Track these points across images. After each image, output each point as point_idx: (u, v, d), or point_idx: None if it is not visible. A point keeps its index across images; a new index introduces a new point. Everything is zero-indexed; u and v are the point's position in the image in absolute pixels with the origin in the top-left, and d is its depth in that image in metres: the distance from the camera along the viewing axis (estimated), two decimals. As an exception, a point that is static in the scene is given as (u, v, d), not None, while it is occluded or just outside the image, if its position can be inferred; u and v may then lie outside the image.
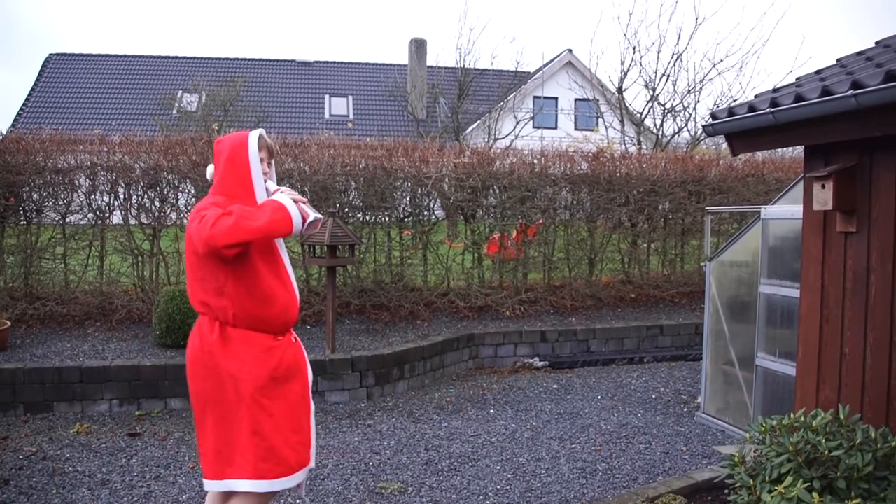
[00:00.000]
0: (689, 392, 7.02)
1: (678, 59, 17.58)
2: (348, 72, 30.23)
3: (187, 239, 3.02)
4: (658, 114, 18.23)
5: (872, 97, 3.39)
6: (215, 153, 3.19)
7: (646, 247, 10.17)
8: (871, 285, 3.91)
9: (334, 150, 8.81)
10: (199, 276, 3.03)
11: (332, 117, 27.45)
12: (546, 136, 19.94)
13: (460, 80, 21.30)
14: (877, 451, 3.21)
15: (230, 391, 2.98)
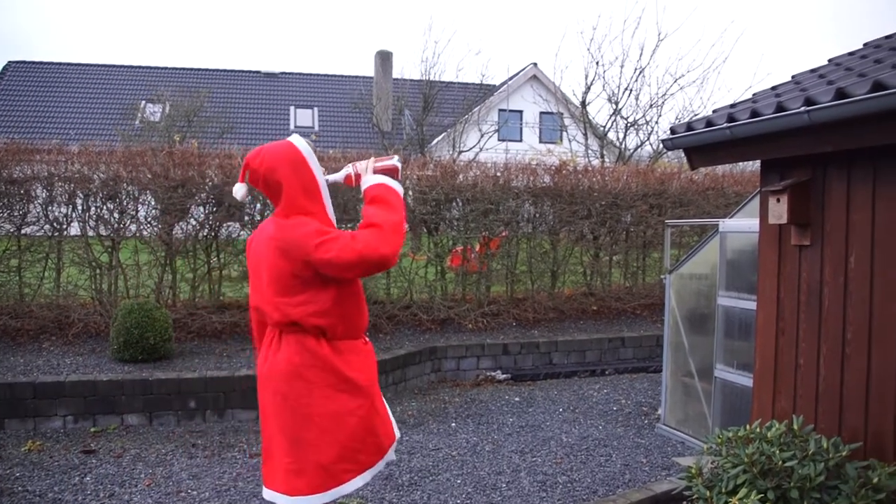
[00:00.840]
0: (650, 404, 7.06)
1: (641, 73, 17.81)
2: (314, 83, 30.18)
3: (287, 257, 3.01)
4: (621, 127, 18.43)
5: (824, 113, 3.46)
6: (255, 171, 3.11)
7: (608, 259, 10.24)
8: (823, 298, 3.97)
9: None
10: (301, 299, 3.04)
11: (298, 129, 27.33)
12: (511, 149, 20.04)
13: (425, 93, 21.32)
14: (828, 460, 3.25)
15: (345, 393, 3.13)
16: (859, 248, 3.77)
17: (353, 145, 22.46)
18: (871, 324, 3.70)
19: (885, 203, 3.64)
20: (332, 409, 3.11)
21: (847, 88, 3.39)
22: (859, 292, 3.76)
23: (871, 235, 3.70)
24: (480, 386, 7.85)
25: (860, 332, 3.75)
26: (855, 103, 3.28)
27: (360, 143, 24.30)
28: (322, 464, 3.10)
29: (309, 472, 3.10)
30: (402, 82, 23.73)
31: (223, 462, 5.39)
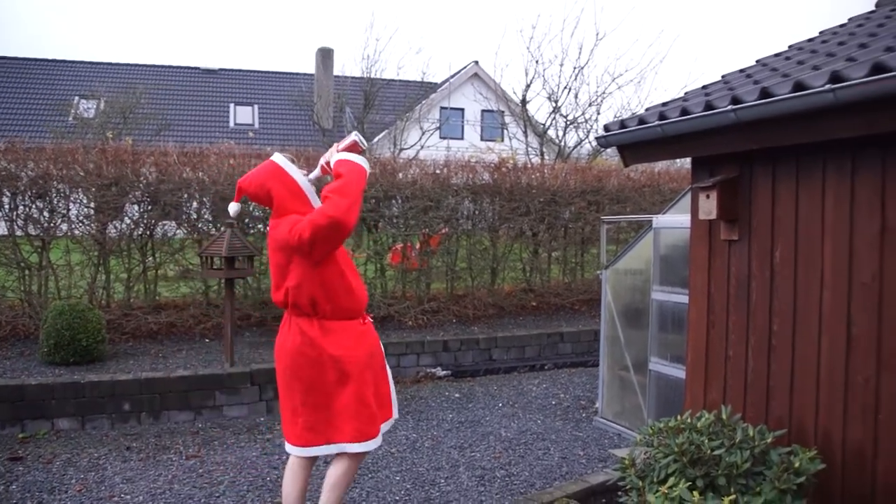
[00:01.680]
0: (588, 397, 7.17)
1: (579, 72, 18.05)
2: (254, 80, 29.76)
3: (293, 248, 3.44)
4: (560, 125, 18.65)
5: (749, 112, 3.55)
6: (247, 191, 3.64)
7: (547, 256, 10.36)
8: (751, 291, 4.09)
9: (234, 160, 8.64)
10: (292, 283, 3.52)
11: (238, 126, 26.96)
12: (452, 147, 20.09)
13: (366, 91, 21.23)
14: (754, 448, 3.35)
15: (332, 373, 3.54)
16: (784, 242, 3.89)
17: (294, 143, 22.26)
18: (795, 316, 3.82)
19: (806, 199, 3.76)
20: (327, 379, 3.55)
21: (771, 88, 3.49)
22: (784, 285, 3.88)
23: (795, 230, 3.82)
24: (420, 383, 7.86)
25: (785, 323, 3.88)
26: (778, 102, 3.38)
27: (300, 140, 24.09)
28: (327, 421, 3.59)
29: (316, 428, 3.59)
30: (344, 80, 23.60)
31: (158, 465, 5.29)
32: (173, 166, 8.16)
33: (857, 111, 3.11)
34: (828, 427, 3.65)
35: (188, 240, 8.48)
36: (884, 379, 3.38)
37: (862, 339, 3.49)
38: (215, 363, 6.95)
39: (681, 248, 5.38)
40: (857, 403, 3.50)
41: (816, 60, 4.03)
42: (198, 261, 7.83)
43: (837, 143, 3.54)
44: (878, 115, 3.05)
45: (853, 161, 3.53)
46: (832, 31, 5.28)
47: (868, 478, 3.45)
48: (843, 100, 3.07)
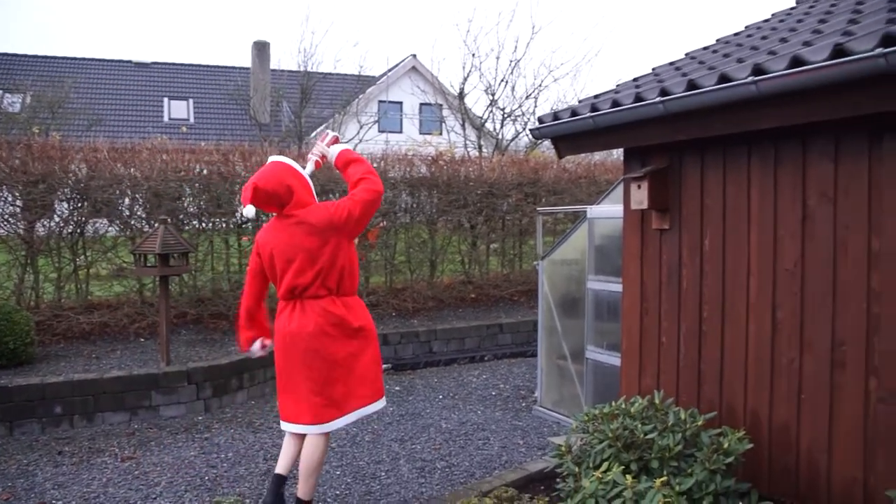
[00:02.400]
0: (528, 387, 7.25)
1: (516, 65, 18.19)
2: (188, 74, 29.13)
3: (337, 227, 3.88)
4: (498, 118, 18.75)
5: (677, 104, 3.63)
6: (265, 190, 3.84)
7: (485, 248, 10.42)
8: (682, 278, 4.19)
9: (167, 155, 8.47)
10: (347, 257, 3.98)
11: (172, 121, 26.41)
12: (391, 141, 20.02)
13: (303, 84, 21.01)
14: (686, 431, 3.44)
15: (356, 343, 4.00)
16: (712, 230, 3.99)
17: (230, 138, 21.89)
18: (723, 301, 3.93)
19: (733, 189, 3.87)
20: (349, 351, 3.97)
21: (697, 80, 3.57)
22: (713, 272, 3.99)
23: (723, 219, 3.93)
24: (361, 377, 7.84)
25: (714, 309, 3.98)
26: (704, 94, 3.47)
27: (236, 135, 23.69)
28: (346, 392, 3.98)
29: (337, 402, 3.96)
30: (280, 73, 23.32)
31: (92, 468, 5.17)
32: (104, 162, 7.95)
33: (778, 103, 3.22)
34: (756, 408, 3.77)
35: (121, 237, 8.28)
36: (806, 360, 3.51)
37: (786, 323, 3.61)
38: (151, 363, 6.82)
39: (615, 237, 5.47)
40: (783, 384, 3.62)
41: (741, 54, 4.14)
42: (131, 259, 7.65)
43: (761, 134, 3.64)
44: (797, 106, 3.16)
45: (776, 152, 3.64)
46: (756, 26, 5.42)
47: (793, 453, 3.58)
48: (765, 91, 3.17)
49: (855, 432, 3.31)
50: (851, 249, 3.32)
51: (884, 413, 3.19)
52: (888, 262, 3.17)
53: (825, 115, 3.09)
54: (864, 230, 3.26)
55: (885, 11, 3.46)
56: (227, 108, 26.65)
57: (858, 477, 3.29)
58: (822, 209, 3.44)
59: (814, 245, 3.48)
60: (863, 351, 3.27)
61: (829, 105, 3.04)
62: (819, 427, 3.46)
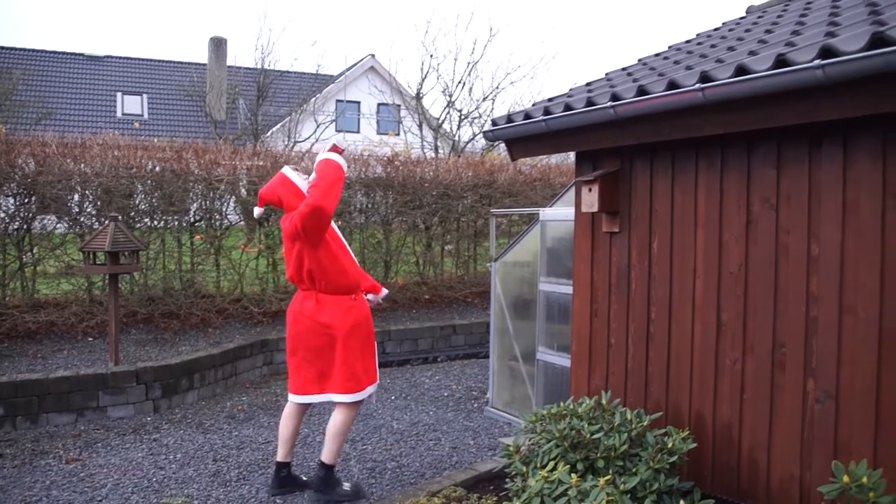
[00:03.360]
0: (480, 388, 7.29)
1: (473, 67, 18.26)
2: (143, 69, 28.66)
3: (294, 235, 4.32)
4: (455, 120, 18.82)
5: (627, 109, 3.70)
6: (267, 199, 4.59)
7: (440, 249, 10.44)
8: (631, 281, 4.26)
9: (119, 151, 8.32)
10: (315, 261, 4.35)
11: (126, 116, 25.97)
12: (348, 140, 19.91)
13: (260, 82, 20.83)
14: (631, 430, 3.50)
15: (323, 337, 4.42)
16: (661, 233, 4.07)
17: (184, 134, 21.62)
18: (671, 304, 4.01)
19: (681, 193, 3.94)
20: (318, 343, 4.44)
21: (647, 86, 3.64)
22: (661, 275, 4.06)
23: (671, 222, 4.00)
24: (314, 377, 7.80)
25: (662, 311, 4.06)
26: (653, 100, 3.54)
27: (191, 131, 23.42)
28: (318, 375, 4.53)
29: (313, 381, 4.55)
30: (237, 70, 23.09)
31: (35, 471, 5.06)
32: (53, 157, 7.78)
33: (724, 110, 3.30)
34: (700, 408, 3.85)
35: (70, 234, 8.12)
36: (748, 361, 3.60)
37: (730, 325, 3.70)
38: (99, 362, 6.70)
39: (566, 240, 5.53)
40: (726, 385, 3.71)
41: (691, 61, 4.23)
42: (80, 256, 7.50)
43: (709, 140, 3.73)
44: (742, 114, 3.24)
45: (722, 157, 3.73)
46: (707, 34, 5.54)
47: (735, 452, 3.67)
48: (711, 99, 3.25)
49: (793, 431, 3.40)
50: (792, 254, 3.41)
51: (819, 413, 3.29)
52: (826, 267, 3.26)
53: (767, 122, 3.18)
54: (804, 235, 3.35)
55: (825, 25, 3.57)
56: (183, 104, 26.32)
57: (796, 474, 3.39)
58: (765, 214, 3.53)
59: (757, 249, 3.57)
60: (801, 352, 3.37)
61: (771, 113, 3.13)
62: (760, 426, 3.55)
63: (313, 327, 4.43)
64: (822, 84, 2.80)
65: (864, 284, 3.13)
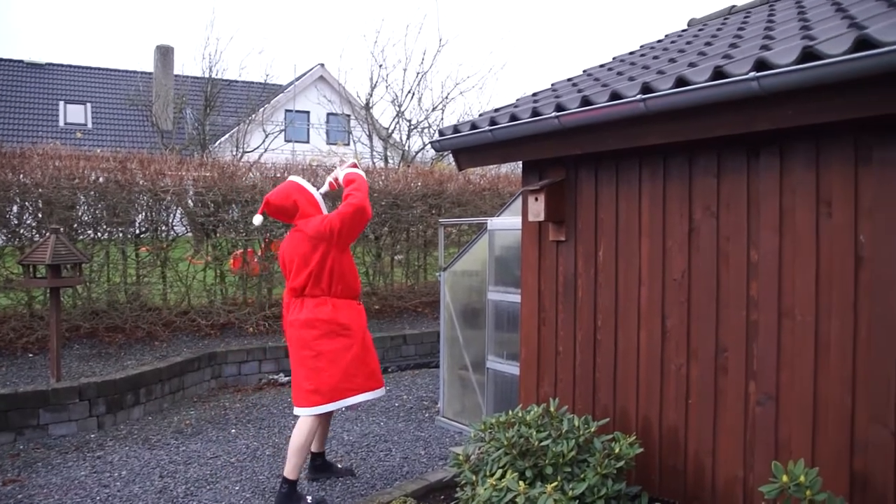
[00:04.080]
0: (431, 398, 7.29)
1: (423, 77, 18.30)
2: (87, 77, 28.06)
3: (310, 242, 4.62)
4: (405, 130, 18.82)
5: (572, 119, 3.75)
6: (275, 204, 4.71)
7: (389, 259, 10.42)
8: (578, 289, 4.31)
9: (61, 162, 8.14)
10: (312, 269, 4.61)
11: (68, 125, 25.41)
12: (298, 151, 19.83)
13: (207, 91, 20.57)
14: (579, 437, 3.54)
15: (340, 339, 4.65)
16: (606, 242, 4.13)
17: (130, 144, 21.23)
18: (616, 311, 4.06)
19: (626, 202, 4.01)
20: (334, 347, 4.63)
21: (591, 97, 3.70)
22: (607, 283, 4.12)
23: (616, 231, 4.06)
24: (263, 390, 7.72)
25: (608, 318, 4.12)
26: (597, 110, 3.60)
27: (137, 142, 23.01)
28: (331, 384, 4.60)
29: (323, 391, 4.59)
30: (184, 79, 22.76)
31: (-31, 492, 4.91)
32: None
33: (665, 120, 3.37)
34: (647, 413, 3.90)
35: (8, 247, 7.91)
36: (693, 366, 3.66)
37: (675, 331, 3.76)
38: (40, 379, 6.53)
39: (514, 248, 5.57)
40: (672, 390, 3.77)
41: (633, 72, 4.31)
42: (20, 270, 7.31)
43: (651, 150, 3.80)
44: (682, 124, 3.32)
45: (665, 167, 3.80)
46: (650, 46, 5.65)
47: (681, 456, 3.73)
48: (653, 109, 3.31)
49: (736, 434, 3.47)
50: (733, 260, 3.49)
51: (761, 415, 3.37)
52: (764, 273, 3.35)
53: (707, 132, 3.25)
54: (744, 242, 3.44)
55: (761, 38, 3.67)
56: (128, 113, 25.85)
57: (739, 476, 3.46)
58: (706, 222, 3.61)
59: (699, 256, 3.64)
60: (743, 356, 3.44)
61: (711, 123, 3.20)
62: (705, 430, 3.62)
63: (332, 331, 4.65)
64: (757, 95, 2.88)
65: (800, 288, 3.21)
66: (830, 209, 3.11)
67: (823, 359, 3.14)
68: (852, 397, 3.06)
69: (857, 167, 3.02)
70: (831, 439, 3.12)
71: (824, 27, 3.26)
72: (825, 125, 2.97)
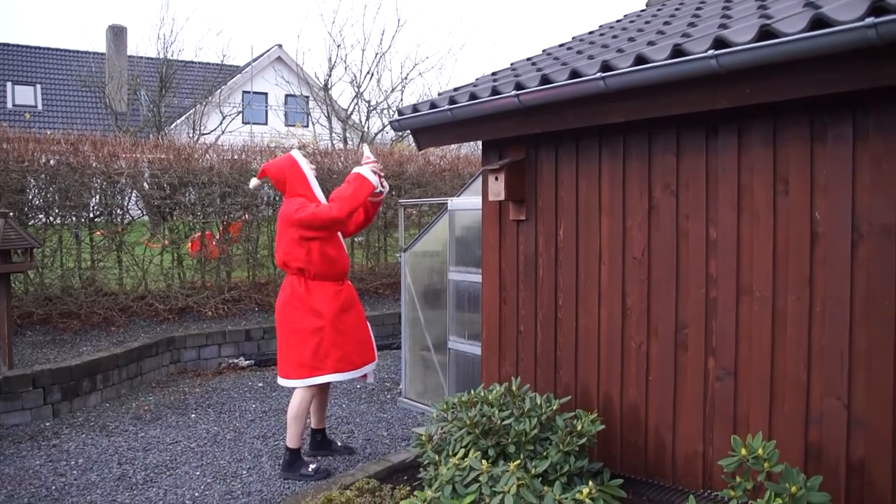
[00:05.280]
0: (393, 379, 7.28)
1: (382, 58, 18.15)
2: (36, 58, 27.27)
3: (285, 224, 4.71)
4: (364, 111, 18.68)
5: (531, 97, 3.74)
6: (269, 173, 4.88)
7: (350, 241, 10.35)
8: (539, 268, 4.31)
9: (9, 144, 7.92)
10: (288, 249, 4.71)
11: (17, 107, 24.75)
12: (256, 132, 19.51)
13: (162, 72, 20.14)
14: (542, 415, 3.55)
15: (312, 319, 4.72)
16: (567, 221, 4.13)
17: (82, 126, 20.72)
18: (577, 290, 4.08)
19: (586, 181, 4.02)
20: (304, 327, 4.73)
21: (551, 75, 3.69)
22: (567, 262, 4.13)
23: (576, 210, 4.07)
24: (223, 374, 7.64)
25: (569, 297, 4.13)
26: (556, 88, 3.59)
27: (90, 124, 22.46)
28: (302, 361, 4.73)
29: (294, 366, 4.75)
30: (138, 60, 22.25)
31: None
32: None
33: (624, 98, 3.37)
34: (608, 391, 3.94)
35: (-45, 232, 7.69)
36: (653, 344, 3.70)
37: (634, 309, 3.79)
38: (-9, 366, 6.38)
39: (475, 229, 5.56)
40: (632, 367, 3.81)
41: (593, 51, 4.31)
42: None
43: (611, 128, 3.81)
44: (641, 102, 3.32)
45: (625, 145, 3.81)
46: (609, 25, 5.65)
47: (642, 432, 3.77)
48: (612, 87, 3.31)
49: (696, 409, 3.52)
50: (692, 238, 3.52)
51: (720, 390, 3.41)
52: (723, 250, 3.38)
53: (667, 111, 3.27)
54: (703, 220, 3.47)
55: (719, 17, 3.69)
56: (80, 95, 25.23)
57: (699, 450, 3.51)
58: (665, 200, 3.63)
59: (659, 235, 3.66)
60: (702, 333, 3.48)
61: (670, 101, 3.22)
62: (665, 406, 3.66)
63: (305, 310, 4.74)
64: (716, 73, 2.89)
65: (758, 265, 3.26)
66: (787, 186, 3.14)
67: (780, 334, 3.19)
68: (807, 371, 3.11)
69: (813, 145, 3.06)
70: (787, 412, 3.18)
71: (781, 6, 3.29)
72: (782, 103, 3.00)
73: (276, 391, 6.91)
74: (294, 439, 4.77)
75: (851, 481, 3.00)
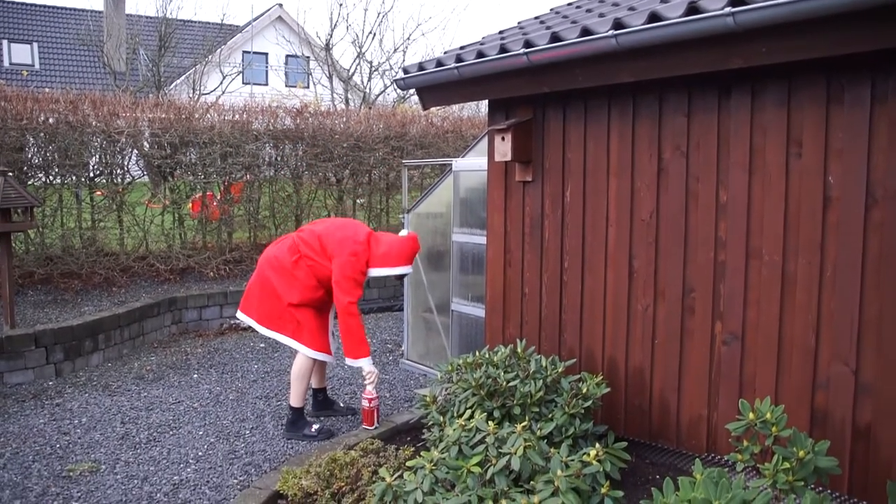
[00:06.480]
0: (395, 341, 7.27)
1: (384, 18, 18.00)
2: (33, 15, 26.89)
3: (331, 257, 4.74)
4: (366, 71, 18.49)
5: (541, 55, 3.66)
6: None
7: (352, 202, 10.30)
8: (545, 230, 4.27)
9: (6, 102, 7.82)
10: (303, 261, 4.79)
11: (13, 66, 24.46)
12: (256, 93, 19.34)
13: (161, 31, 19.90)
14: (547, 377, 3.54)
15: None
16: (574, 182, 4.08)
17: (81, 85, 20.52)
18: (583, 252, 4.04)
19: (594, 142, 3.96)
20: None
21: (560, 33, 3.61)
22: (574, 224, 4.09)
23: (584, 171, 4.02)
24: (225, 335, 7.63)
25: (575, 259, 4.09)
26: (566, 46, 3.51)
27: (88, 83, 22.26)
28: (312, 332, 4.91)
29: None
30: (137, 19, 21.99)
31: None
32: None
33: (636, 57, 3.29)
34: (613, 354, 3.92)
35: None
36: (660, 306, 3.67)
37: (642, 272, 3.76)
38: (-8, 325, 6.37)
39: (479, 190, 5.50)
40: (638, 330, 3.78)
41: (604, 9, 4.21)
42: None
43: (621, 88, 3.74)
44: (654, 60, 3.24)
45: (634, 106, 3.74)
46: (618, -17, 5.53)
47: (647, 395, 3.76)
48: (624, 45, 3.23)
49: (701, 373, 3.50)
50: (702, 200, 3.47)
51: (726, 354, 3.39)
52: (733, 213, 3.33)
53: (679, 70, 3.19)
54: (713, 182, 3.41)
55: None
56: (78, 53, 24.96)
57: (703, 414, 3.50)
58: (675, 162, 3.57)
59: (668, 197, 3.62)
60: (710, 297, 3.45)
61: (683, 60, 3.14)
62: (670, 370, 3.64)
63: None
64: (732, 32, 2.82)
65: (768, 229, 3.21)
66: (801, 149, 3.09)
67: (789, 299, 3.16)
68: (816, 336, 3.09)
69: (829, 107, 3.00)
70: (794, 377, 3.16)
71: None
72: (798, 63, 2.93)
73: (277, 352, 6.91)
74: (297, 398, 4.80)
75: (857, 445, 2.99)
